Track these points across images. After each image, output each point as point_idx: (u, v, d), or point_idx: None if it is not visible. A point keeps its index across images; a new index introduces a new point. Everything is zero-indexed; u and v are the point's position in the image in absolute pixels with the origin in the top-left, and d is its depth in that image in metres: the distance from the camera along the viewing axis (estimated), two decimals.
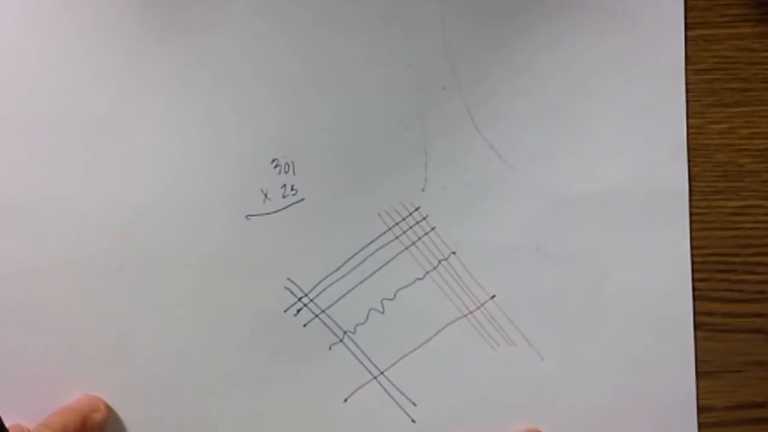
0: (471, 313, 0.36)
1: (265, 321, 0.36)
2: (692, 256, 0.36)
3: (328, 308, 0.36)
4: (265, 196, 0.36)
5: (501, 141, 0.36)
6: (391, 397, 0.36)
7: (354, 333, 0.36)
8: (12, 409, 0.35)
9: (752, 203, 0.36)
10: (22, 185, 0.36)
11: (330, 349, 0.36)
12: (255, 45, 0.36)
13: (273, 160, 0.36)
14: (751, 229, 0.36)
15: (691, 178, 0.36)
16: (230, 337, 0.36)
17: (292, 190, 0.36)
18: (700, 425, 0.36)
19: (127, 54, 0.36)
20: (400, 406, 0.36)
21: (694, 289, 0.36)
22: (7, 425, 0.35)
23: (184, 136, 0.36)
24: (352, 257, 0.36)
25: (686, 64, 0.36)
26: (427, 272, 0.36)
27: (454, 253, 0.36)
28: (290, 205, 0.36)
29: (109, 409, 0.36)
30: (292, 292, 0.36)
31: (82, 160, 0.36)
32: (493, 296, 0.36)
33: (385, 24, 0.36)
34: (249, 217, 0.36)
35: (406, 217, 0.36)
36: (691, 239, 0.36)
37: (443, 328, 0.36)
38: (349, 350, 0.36)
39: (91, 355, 0.36)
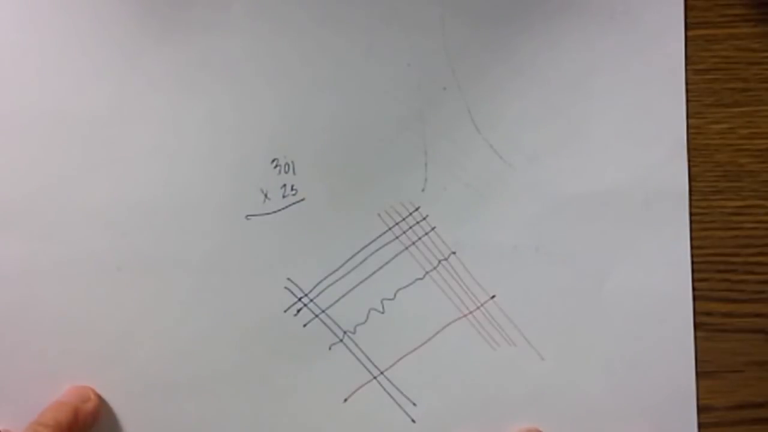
0: (471, 313, 0.36)
1: (265, 321, 0.36)
2: (692, 256, 0.36)
3: (328, 308, 0.36)
4: (265, 196, 0.36)
5: (501, 141, 0.36)
6: (391, 397, 0.36)
7: (354, 333, 0.36)
8: (10, 409, 0.35)
9: (752, 203, 0.36)
10: (22, 185, 0.36)
11: (330, 349, 0.36)
12: (255, 45, 0.36)
13: (273, 160, 0.36)
14: (751, 229, 0.36)
15: (691, 178, 0.36)
16: (230, 337, 0.36)
17: (292, 190, 0.36)
18: (700, 425, 0.36)
19: (128, 54, 0.36)
20: (400, 406, 0.36)
21: (694, 289, 0.36)
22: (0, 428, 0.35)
23: (184, 136, 0.36)
24: (352, 257, 0.36)
25: (686, 64, 0.36)
26: (427, 272, 0.36)
27: (454, 253, 0.36)
28: (290, 205, 0.36)
29: (100, 398, 0.36)
30: (292, 292, 0.36)
31: (82, 160, 0.36)
32: (493, 296, 0.36)
33: (385, 24, 0.36)
34: (249, 217, 0.36)
35: (406, 217, 0.36)
36: (691, 239, 0.36)
37: (443, 328, 0.36)
38: (349, 350, 0.36)
39: (91, 355, 0.36)
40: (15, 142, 0.36)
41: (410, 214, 0.36)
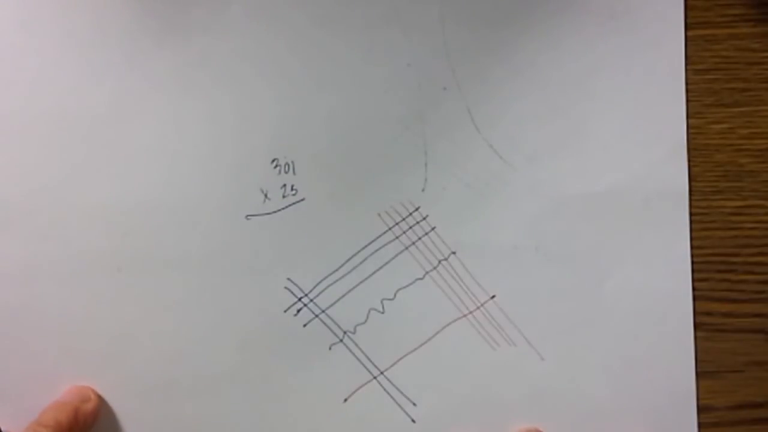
0: (471, 313, 0.36)
1: (265, 321, 0.36)
2: (692, 256, 0.36)
3: (328, 308, 0.36)
4: (265, 196, 0.36)
5: (501, 141, 0.36)
6: (391, 397, 0.36)
7: (354, 333, 0.36)
8: (10, 409, 0.35)
9: (752, 203, 0.36)
10: (22, 185, 0.36)
11: (330, 349, 0.36)
12: (254, 46, 0.36)
13: (273, 160, 0.36)
14: (751, 229, 0.36)
15: (691, 178, 0.36)
16: (230, 337, 0.36)
17: (292, 190, 0.36)
18: (700, 425, 0.36)
19: (128, 54, 0.36)
20: (400, 406, 0.36)
21: (694, 289, 0.36)
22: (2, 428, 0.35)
23: (184, 136, 0.36)
24: (352, 257, 0.36)
25: (686, 64, 0.36)
26: (427, 272, 0.36)
27: (454, 253, 0.36)
28: (290, 205, 0.36)
29: (100, 398, 0.36)
30: (292, 292, 0.36)
31: (82, 160, 0.36)
32: (493, 296, 0.36)
33: (385, 24, 0.36)
34: (249, 217, 0.36)
35: (406, 217, 0.36)
36: (691, 239, 0.36)
37: (443, 328, 0.36)
38: (349, 350, 0.36)
39: (91, 355, 0.36)
40: (15, 142, 0.36)
41: (410, 214, 0.36)
